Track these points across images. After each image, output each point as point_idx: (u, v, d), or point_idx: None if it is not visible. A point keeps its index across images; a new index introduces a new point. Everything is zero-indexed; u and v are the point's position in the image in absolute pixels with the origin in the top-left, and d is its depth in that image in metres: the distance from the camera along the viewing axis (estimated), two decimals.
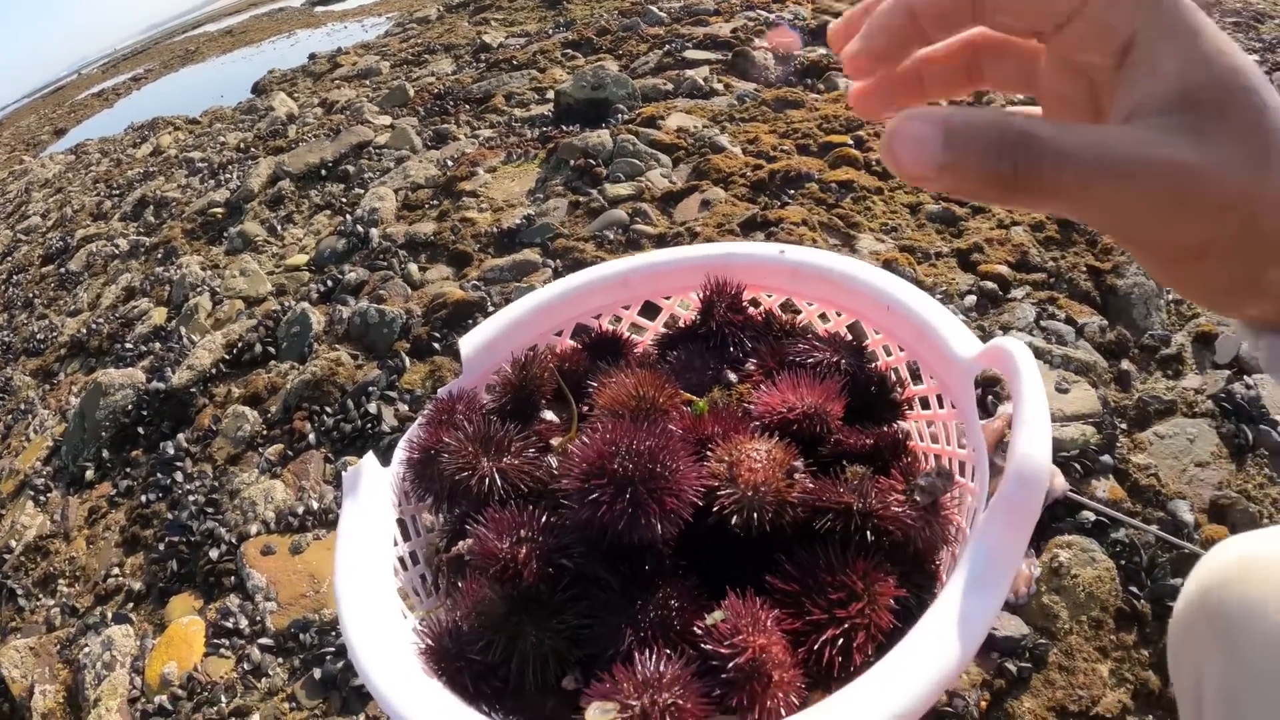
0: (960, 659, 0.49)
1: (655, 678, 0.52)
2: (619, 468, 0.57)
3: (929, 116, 0.31)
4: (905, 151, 0.31)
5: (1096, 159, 0.30)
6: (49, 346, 2.92)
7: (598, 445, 0.59)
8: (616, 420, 0.63)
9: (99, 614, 1.71)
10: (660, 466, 0.58)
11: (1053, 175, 0.30)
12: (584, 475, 0.59)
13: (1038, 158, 0.30)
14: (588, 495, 0.58)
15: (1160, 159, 0.31)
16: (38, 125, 9.29)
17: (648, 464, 0.57)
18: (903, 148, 0.31)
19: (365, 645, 0.60)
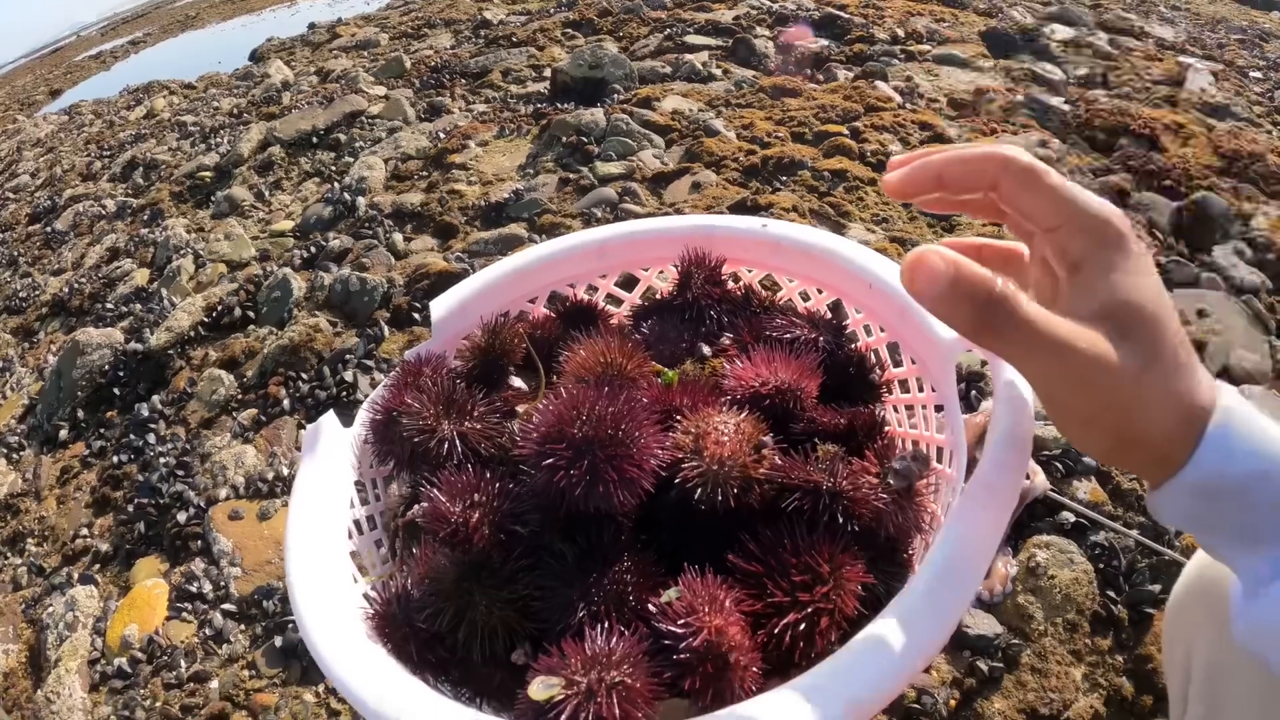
0: (929, 647, 0.47)
1: (604, 654, 0.50)
2: (578, 432, 0.55)
3: (947, 258, 0.41)
4: (921, 276, 0.42)
5: (1046, 333, 0.42)
6: (30, 305, 2.88)
7: (558, 409, 0.57)
8: (580, 385, 0.61)
9: (65, 574, 1.69)
10: (622, 433, 0.55)
11: (1010, 333, 0.42)
12: (542, 439, 0.56)
13: (1008, 317, 0.41)
14: (545, 459, 0.55)
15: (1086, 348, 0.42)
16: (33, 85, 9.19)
17: (609, 429, 0.55)
18: (921, 273, 0.41)
19: (310, 606, 0.57)
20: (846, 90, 2.68)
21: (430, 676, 0.57)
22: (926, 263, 0.41)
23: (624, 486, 0.54)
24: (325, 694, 1.32)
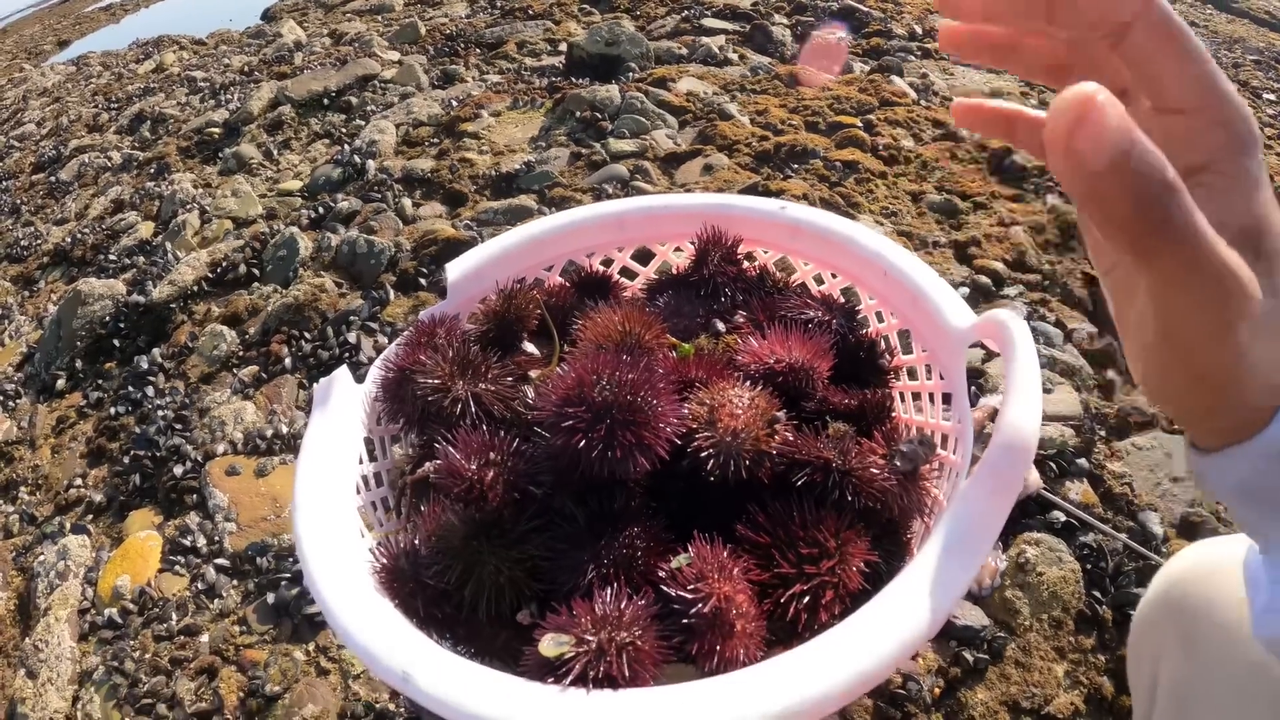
0: (931, 622, 0.48)
1: (614, 615, 0.50)
2: (598, 396, 0.55)
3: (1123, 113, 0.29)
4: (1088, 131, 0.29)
5: (1215, 253, 0.32)
6: (32, 254, 2.87)
7: (578, 372, 0.57)
8: (600, 351, 0.61)
9: (57, 523, 1.69)
10: (640, 400, 0.56)
11: (1177, 243, 0.31)
12: (561, 401, 0.57)
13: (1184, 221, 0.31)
14: (563, 421, 0.56)
15: (1247, 282, 0.33)
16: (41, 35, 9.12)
17: (628, 396, 0.55)
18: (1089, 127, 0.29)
19: (317, 555, 0.58)
20: (862, 83, 2.68)
21: (435, 632, 0.58)
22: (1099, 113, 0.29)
23: (640, 452, 0.55)
24: (315, 652, 1.32)
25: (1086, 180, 0.30)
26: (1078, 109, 0.29)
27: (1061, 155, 0.30)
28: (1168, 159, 0.31)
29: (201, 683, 1.32)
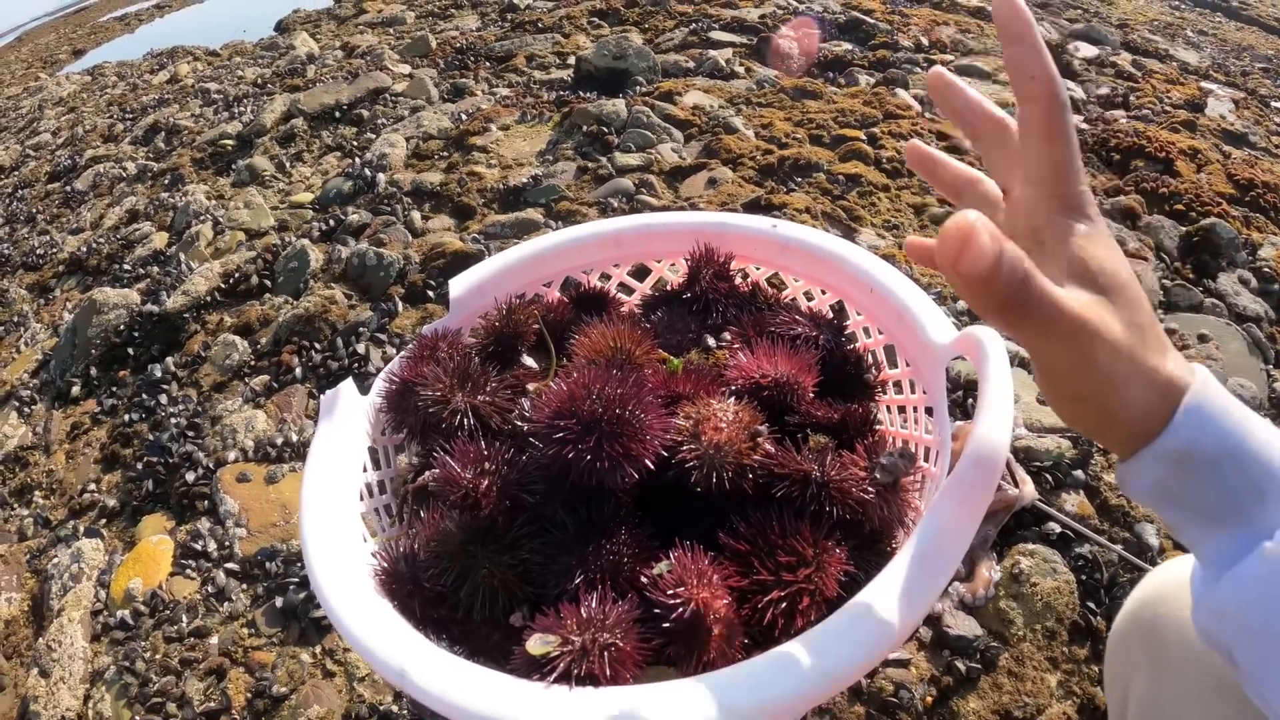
0: (899, 631, 0.50)
1: (598, 618, 0.53)
2: (588, 410, 0.58)
3: (993, 233, 0.40)
4: (970, 253, 0.39)
5: (1065, 311, 0.43)
6: (48, 262, 2.91)
7: (570, 387, 0.60)
8: (592, 366, 0.64)
9: (71, 527, 1.72)
10: (628, 413, 0.59)
11: (1035, 312, 0.42)
12: (554, 414, 0.59)
13: (1038, 297, 0.42)
14: (555, 433, 0.59)
15: (1095, 324, 0.44)
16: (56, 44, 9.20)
17: (616, 409, 0.58)
18: (970, 250, 0.39)
19: (322, 558, 0.61)
20: (867, 96, 2.70)
21: (431, 633, 0.61)
22: (975, 240, 0.39)
23: (627, 463, 0.57)
24: (321, 654, 1.35)
25: (970, 286, 0.40)
26: (960, 237, 0.39)
27: (951, 272, 0.40)
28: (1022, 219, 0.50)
29: (210, 683, 1.35)
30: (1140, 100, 2.87)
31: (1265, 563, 0.43)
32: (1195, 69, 3.47)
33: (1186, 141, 2.49)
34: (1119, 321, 0.45)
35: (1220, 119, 2.83)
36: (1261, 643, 0.44)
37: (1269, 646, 0.43)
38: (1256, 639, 0.44)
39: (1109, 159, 2.44)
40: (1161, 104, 2.87)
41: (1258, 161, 2.52)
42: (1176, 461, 0.45)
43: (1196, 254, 2.06)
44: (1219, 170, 2.38)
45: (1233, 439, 0.44)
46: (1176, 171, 2.33)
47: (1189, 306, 1.90)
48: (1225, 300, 1.92)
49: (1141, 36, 3.80)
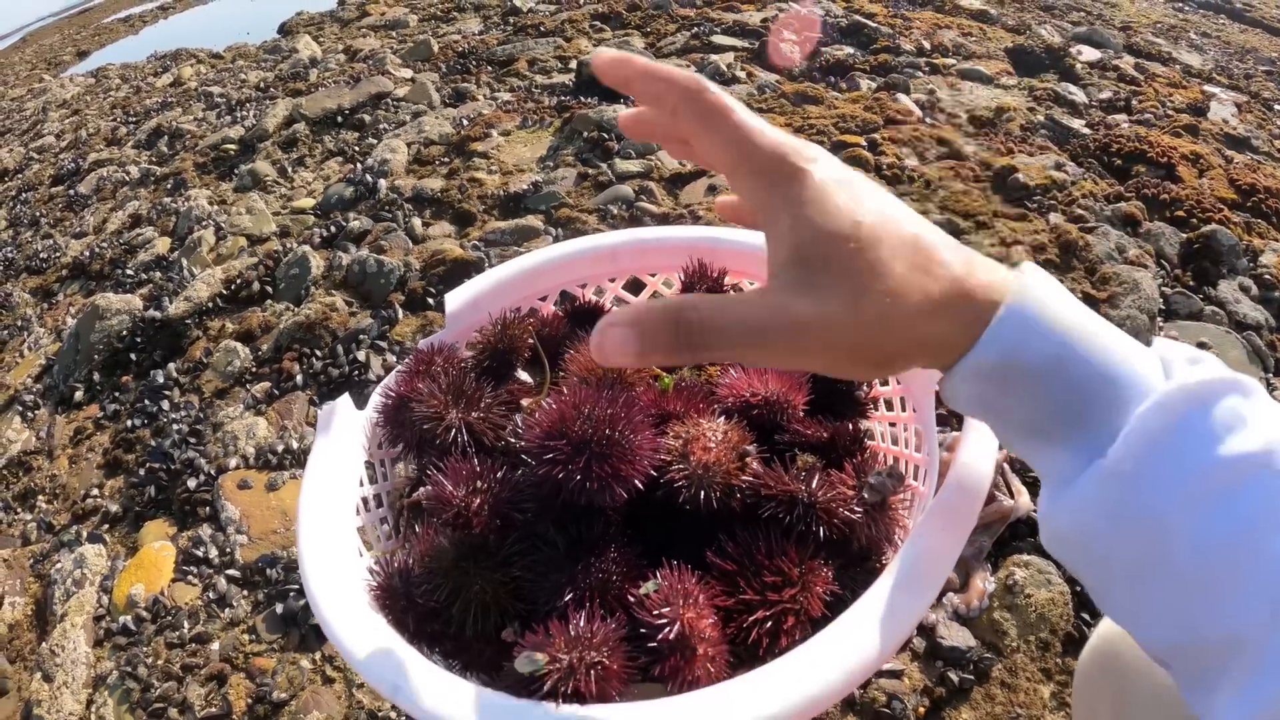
0: (880, 652, 0.51)
1: (586, 636, 0.54)
2: (578, 430, 0.59)
3: (624, 320, 0.42)
4: (612, 349, 0.42)
5: (738, 330, 0.42)
6: (51, 266, 2.92)
7: (561, 407, 0.61)
8: (583, 385, 0.65)
9: (74, 532, 1.74)
10: (618, 434, 0.59)
11: (713, 345, 0.42)
12: (544, 434, 0.60)
13: (701, 336, 0.41)
14: (545, 453, 0.59)
15: (781, 323, 0.42)
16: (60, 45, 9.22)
17: (606, 430, 0.59)
18: (611, 347, 0.42)
19: (318, 572, 0.62)
20: (868, 101, 2.71)
21: (425, 647, 0.61)
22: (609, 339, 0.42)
23: (617, 483, 0.58)
24: (321, 661, 1.36)
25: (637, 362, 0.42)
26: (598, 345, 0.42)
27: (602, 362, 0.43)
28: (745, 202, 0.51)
29: (211, 689, 1.36)
30: (1142, 104, 2.87)
31: (1099, 484, 0.41)
32: (1198, 72, 3.48)
33: (1188, 146, 2.49)
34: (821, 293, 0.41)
35: (1223, 123, 2.83)
36: (1101, 568, 0.42)
37: (1108, 570, 0.42)
38: (1096, 564, 0.42)
39: (1110, 164, 2.44)
40: (1164, 108, 2.87)
41: (1260, 166, 2.52)
42: (994, 376, 0.42)
43: (1197, 261, 2.06)
44: (1221, 175, 2.38)
45: (1057, 347, 0.41)
46: (1178, 177, 2.33)
47: (1189, 314, 1.90)
48: (1225, 308, 1.93)
49: (1144, 39, 3.80)
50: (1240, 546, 0.37)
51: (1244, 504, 0.38)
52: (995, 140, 2.54)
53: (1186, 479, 0.39)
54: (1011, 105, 2.79)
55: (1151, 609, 0.41)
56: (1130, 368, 0.42)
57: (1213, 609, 0.38)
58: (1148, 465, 0.39)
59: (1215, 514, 0.38)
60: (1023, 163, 2.35)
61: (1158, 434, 0.39)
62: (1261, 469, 0.38)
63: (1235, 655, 0.37)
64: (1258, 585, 0.37)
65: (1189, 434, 0.39)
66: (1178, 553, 0.38)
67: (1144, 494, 0.39)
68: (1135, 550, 0.40)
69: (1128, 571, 0.41)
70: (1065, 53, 3.26)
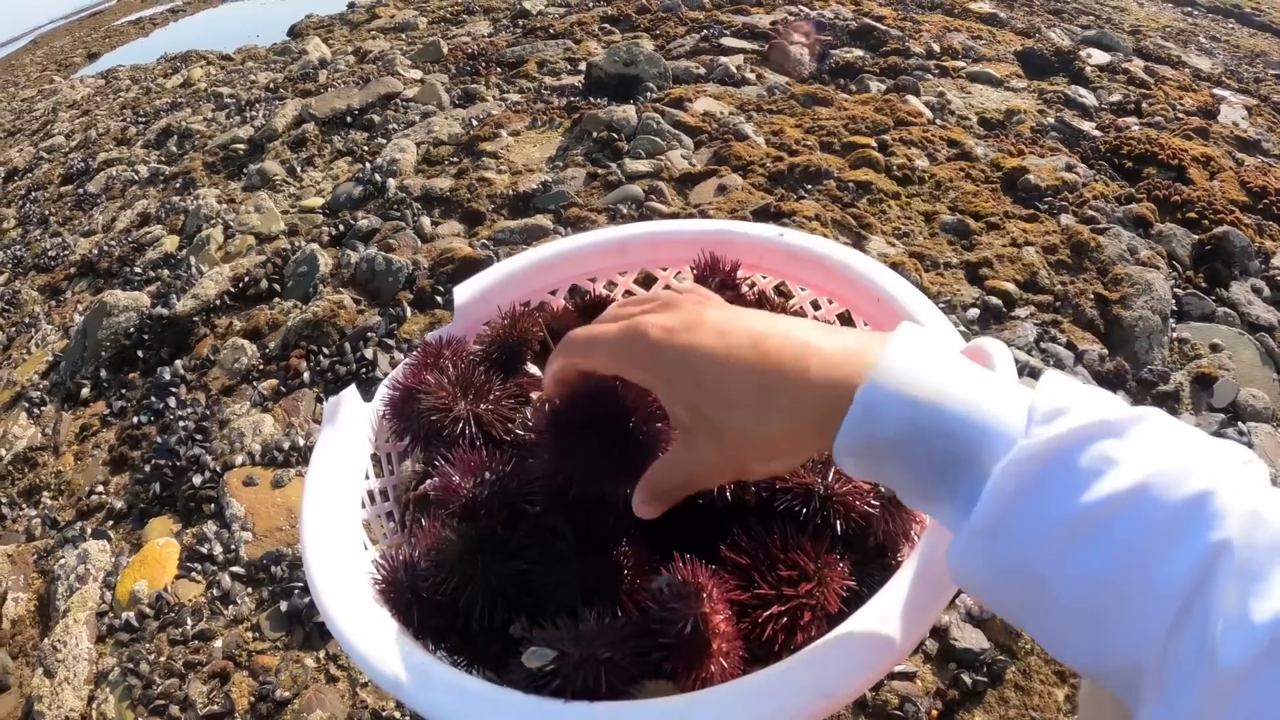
0: (899, 648, 0.50)
1: (596, 632, 0.53)
2: (594, 420, 0.58)
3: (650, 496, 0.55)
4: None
5: (660, 483, 0.55)
6: (59, 264, 2.93)
7: (573, 397, 0.60)
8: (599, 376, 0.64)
9: (79, 528, 1.73)
10: (631, 424, 0.58)
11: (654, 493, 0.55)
12: (557, 424, 0.59)
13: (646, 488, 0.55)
14: (558, 443, 0.58)
15: (677, 477, 0.54)
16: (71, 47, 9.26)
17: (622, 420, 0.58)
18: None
19: (321, 566, 0.61)
20: (878, 103, 2.70)
21: (430, 642, 0.60)
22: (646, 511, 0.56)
23: (629, 473, 0.57)
24: (325, 659, 1.35)
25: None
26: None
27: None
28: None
29: (214, 686, 1.35)
30: (1153, 107, 2.86)
31: (970, 540, 0.42)
32: (1208, 75, 3.46)
33: (1199, 149, 2.48)
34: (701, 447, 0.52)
35: (1233, 126, 2.82)
36: (1000, 609, 0.44)
37: (1005, 612, 0.44)
38: (994, 606, 0.44)
39: (1121, 166, 2.43)
40: (1174, 111, 2.86)
41: (1271, 169, 2.51)
42: (863, 454, 0.45)
43: (1209, 262, 2.05)
44: (1232, 178, 2.37)
45: (912, 416, 0.44)
46: (1189, 179, 2.32)
47: (1201, 316, 1.89)
48: (1238, 309, 1.91)
49: (1154, 43, 3.79)
50: (1119, 578, 0.38)
51: (1117, 537, 0.38)
52: (1006, 142, 2.53)
53: (1049, 530, 0.40)
54: (1022, 108, 2.78)
55: (1055, 643, 0.42)
56: (997, 421, 0.43)
57: (1107, 641, 0.39)
58: (1009, 522, 0.41)
59: (1087, 555, 0.39)
60: (1034, 164, 2.34)
61: (1013, 492, 0.41)
62: (1133, 500, 0.39)
63: (1140, 679, 0.38)
64: (1144, 612, 0.38)
65: (1047, 487, 0.40)
66: (1058, 596, 0.40)
67: (1012, 548, 0.41)
68: (1019, 597, 0.42)
69: (1019, 614, 0.43)
70: (1075, 56, 3.25)
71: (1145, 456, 0.40)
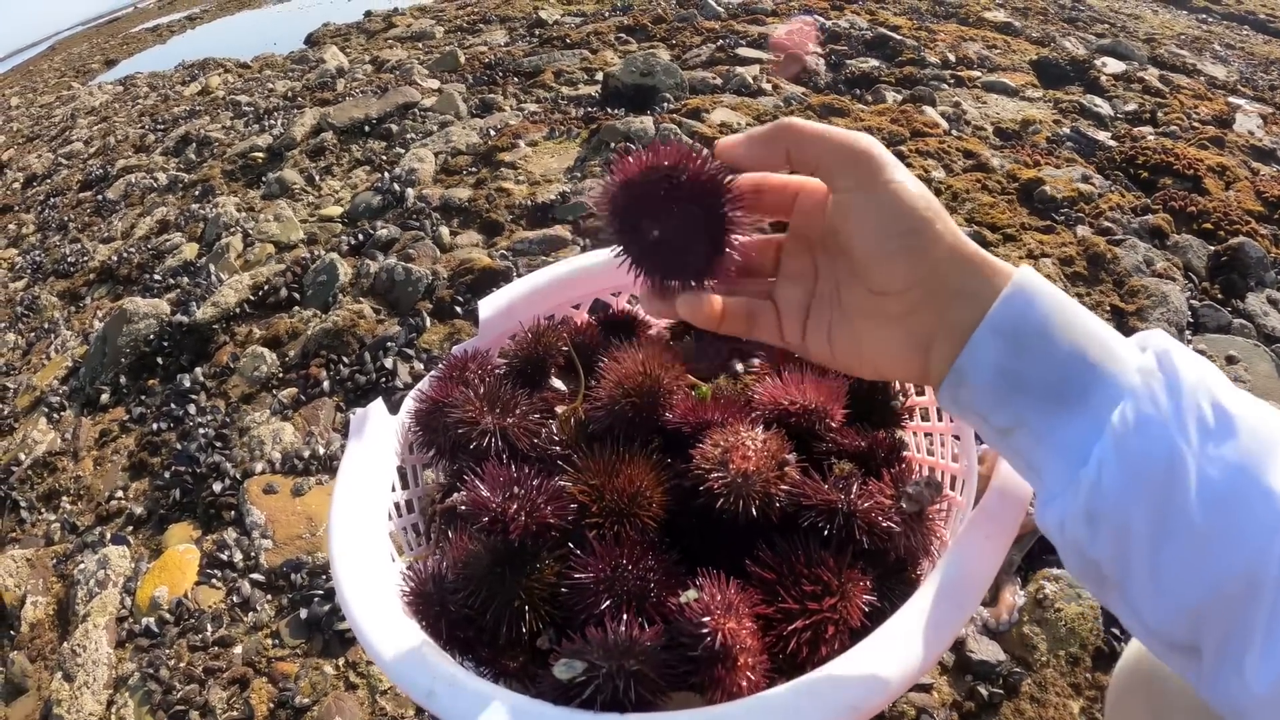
0: (922, 662, 0.51)
1: (625, 644, 0.54)
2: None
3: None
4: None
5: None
6: (79, 270, 2.95)
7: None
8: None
9: (98, 533, 1.75)
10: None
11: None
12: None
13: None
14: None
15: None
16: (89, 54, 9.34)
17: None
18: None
19: (350, 576, 0.62)
20: (894, 113, 2.70)
21: (458, 654, 0.61)
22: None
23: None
24: (344, 667, 1.36)
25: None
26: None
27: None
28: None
29: (233, 692, 1.36)
30: (1168, 116, 2.85)
31: (1119, 439, 0.43)
32: (1223, 84, 3.45)
33: (1215, 158, 2.47)
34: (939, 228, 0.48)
35: (1249, 135, 2.81)
36: (1121, 540, 0.43)
37: (1127, 542, 0.43)
38: (1117, 538, 0.43)
39: (1137, 176, 2.43)
40: (1189, 120, 2.85)
41: None
42: (1012, 334, 0.46)
43: (1225, 274, 2.04)
44: (1247, 187, 2.36)
45: (1060, 311, 0.46)
46: (1205, 189, 2.32)
47: (1217, 327, 1.89)
48: (1254, 321, 1.91)
49: (1169, 51, 3.78)
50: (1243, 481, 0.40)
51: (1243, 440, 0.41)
52: (1021, 152, 2.53)
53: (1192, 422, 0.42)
54: (1037, 117, 2.78)
55: (1174, 571, 0.42)
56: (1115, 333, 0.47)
57: (1229, 553, 0.40)
58: (1157, 413, 0.42)
59: (1221, 450, 0.41)
60: (1049, 175, 2.34)
61: (1160, 388, 0.43)
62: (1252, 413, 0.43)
63: (1254, 601, 0.39)
64: (1263, 518, 0.39)
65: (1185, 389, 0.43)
66: (1191, 493, 0.41)
67: (1158, 439, 0.42)
68: (1155, 504, 0.42)
69: (1149, 534, 0.42)
70: (1090, 65, 3.24)
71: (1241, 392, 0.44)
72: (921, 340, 0.50)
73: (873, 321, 0.51)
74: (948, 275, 0.48)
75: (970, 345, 0.47)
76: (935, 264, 0.48)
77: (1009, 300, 0.46)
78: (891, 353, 0.51)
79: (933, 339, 0.49)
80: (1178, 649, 0.44)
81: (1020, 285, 0.46)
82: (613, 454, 0.66)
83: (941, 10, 4.03)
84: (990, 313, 0.46)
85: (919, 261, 0.48)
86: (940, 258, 0.48)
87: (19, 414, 2.28)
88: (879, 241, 0.49)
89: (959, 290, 0.48)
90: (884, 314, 0.50)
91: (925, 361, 0.50)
